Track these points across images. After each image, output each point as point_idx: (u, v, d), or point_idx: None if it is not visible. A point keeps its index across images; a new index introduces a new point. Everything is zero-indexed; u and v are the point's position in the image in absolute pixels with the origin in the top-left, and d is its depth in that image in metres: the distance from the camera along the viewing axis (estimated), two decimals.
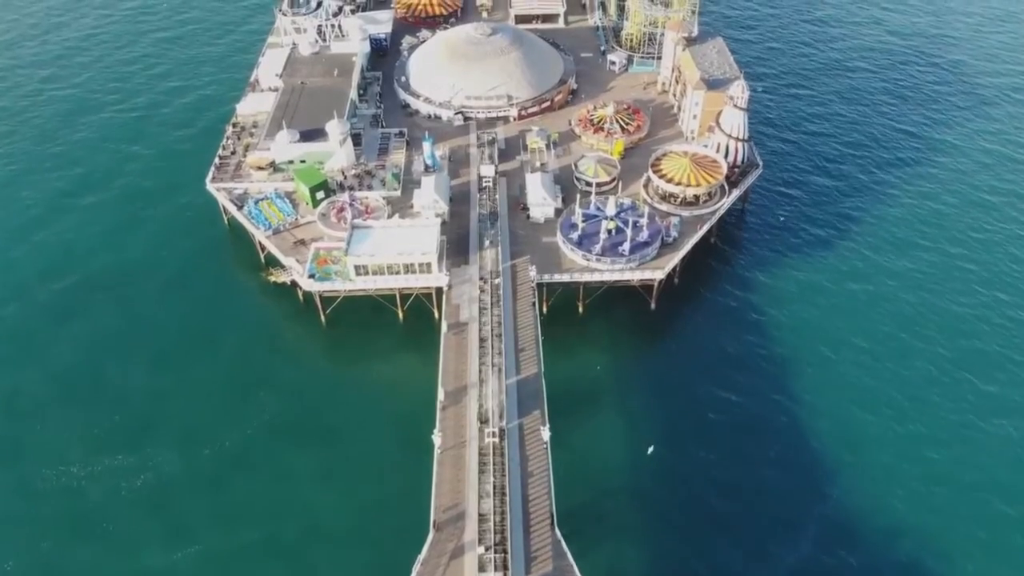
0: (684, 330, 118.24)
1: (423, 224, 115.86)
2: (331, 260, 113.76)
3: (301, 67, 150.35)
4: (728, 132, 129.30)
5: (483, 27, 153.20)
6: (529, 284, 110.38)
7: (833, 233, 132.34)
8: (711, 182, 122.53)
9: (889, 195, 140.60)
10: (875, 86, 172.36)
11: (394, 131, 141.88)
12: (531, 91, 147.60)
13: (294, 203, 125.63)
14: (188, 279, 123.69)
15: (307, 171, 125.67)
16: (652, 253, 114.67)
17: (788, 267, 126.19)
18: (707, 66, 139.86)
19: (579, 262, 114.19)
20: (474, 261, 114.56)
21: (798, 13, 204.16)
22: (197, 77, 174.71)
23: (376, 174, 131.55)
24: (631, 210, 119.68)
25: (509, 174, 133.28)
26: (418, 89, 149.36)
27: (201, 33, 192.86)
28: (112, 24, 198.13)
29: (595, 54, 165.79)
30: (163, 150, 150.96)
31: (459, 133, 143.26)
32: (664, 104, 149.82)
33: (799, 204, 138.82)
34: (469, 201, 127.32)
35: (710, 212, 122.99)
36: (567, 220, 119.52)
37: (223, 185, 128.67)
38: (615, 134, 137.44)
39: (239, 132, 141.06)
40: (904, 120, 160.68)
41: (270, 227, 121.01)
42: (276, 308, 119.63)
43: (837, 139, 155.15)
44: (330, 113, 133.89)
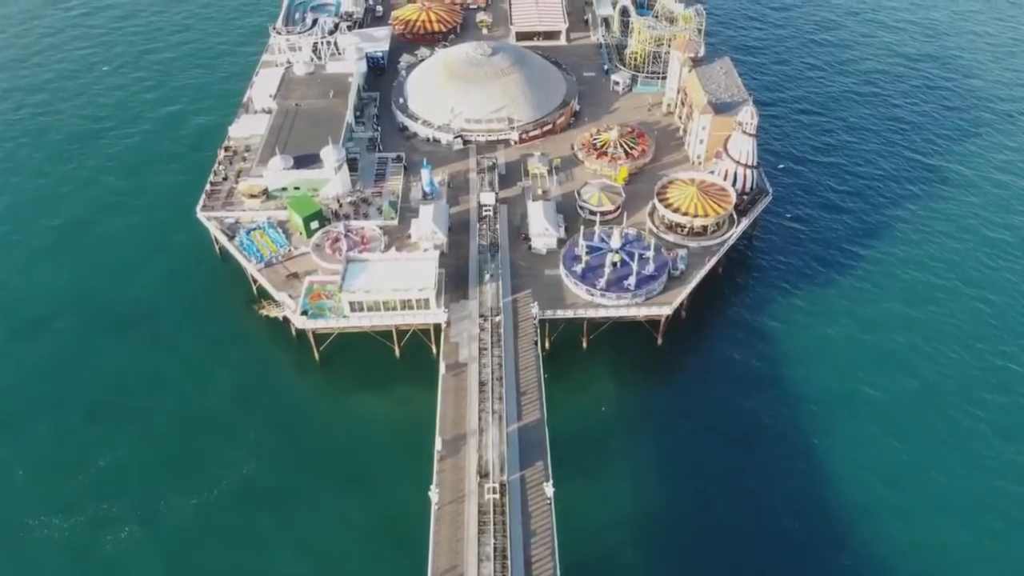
0: (692, 367, 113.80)
1: (421, 257, 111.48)
2: (325, 295, 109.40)
3: (296, 88, 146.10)
4: (736, 158, 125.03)
5: (483, 47, 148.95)
6: (531, 321, 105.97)
7: (842, 266, 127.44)
8: (719, 212, 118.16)
9: (899, 228, 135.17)
10: (884, 111, 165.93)
11: (392, 156, 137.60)
12: (533, 114, 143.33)
13: (287, 233, 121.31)
14: (176, 313, 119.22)
15: (301, 200, 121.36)
16: (659, 287, 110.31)
17: (797, 300, 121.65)
18: (714, 88, 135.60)
19: (583, 297, 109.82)
20: (474, 296, 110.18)
21: (806, 33, 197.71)
22: (188, 97, 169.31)
23: (372, 202, 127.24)
24: (636, 242, 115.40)
25: (510, 201, 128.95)
26: (416, 111, 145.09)
27: (193, 53, 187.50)
28: (101, 45, 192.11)
29: (598, 73, 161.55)
30: (151, 175, 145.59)
31: (458, 158, 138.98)
32: (669, 127, 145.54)
33: (807, 233, 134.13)
34: (469, 230, 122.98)
35: (718, 243, 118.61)
36: (570, 251, 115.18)
37: (214, 214, 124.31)
38: (619, 159, 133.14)
39: (231, 156, 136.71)
40: (914, 148, 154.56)
41: (262, 259, 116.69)
42: (268, 344, 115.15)
43: (846, 168, 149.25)
44: (325, 137, 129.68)
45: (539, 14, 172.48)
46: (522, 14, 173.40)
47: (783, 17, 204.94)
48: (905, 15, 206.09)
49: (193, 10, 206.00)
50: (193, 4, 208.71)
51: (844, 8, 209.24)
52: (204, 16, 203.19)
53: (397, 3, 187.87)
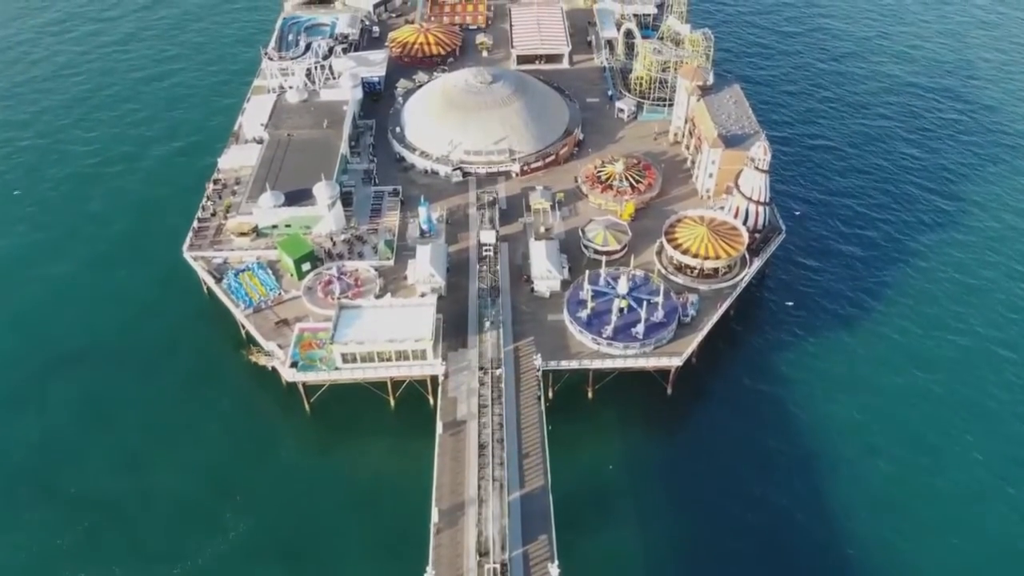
0: (704, 419, 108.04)
1: (417, 303, 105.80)
2: (316, 344, 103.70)
3: (288, 117, 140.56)
4: (747, 195, 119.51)
5: (483, 74, 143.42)
6: (534, 373, 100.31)
7: (857, 308, 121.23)
8: (731, 254, 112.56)
9: (916, 266, 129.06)
10: (897, 144, 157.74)
11: (388, 189, 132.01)
12: (535, 144, 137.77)
13: (278, 274, 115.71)
14: (160, 359, 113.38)
15: (292, 240, 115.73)
16: (668, 335, 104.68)
17: (811, 346, 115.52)
18: (724, 119, 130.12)
19: (588, 345, 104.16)
20: (473, 344, 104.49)
21: (815, 54, 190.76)
22: (177, 124, 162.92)
23: (367, 240, 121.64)
24: (644, 285, 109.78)
25: (511, 239, 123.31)
26: (414, 141, 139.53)
27: (182, 76, 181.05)
28: (83, 66, 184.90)
29: (602, 99, 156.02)
30: (137, 209, 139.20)
31: (457, 191, 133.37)
32: (677, 157, 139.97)
33: (819, 272, 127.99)
34: (468, 271, 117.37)
35: (730, 286, 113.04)
36: (574, 295, 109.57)
37: (201, 254, 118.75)
38: (625, 194, 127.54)
39: (220, 190, 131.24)
40: (927, 186, 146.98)
41: (251, 304, 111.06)
42: (257, 393, 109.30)
43: (859, 199, 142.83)
44: (318, 170, 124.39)
45: (541, 37, 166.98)
46: (523, 37, 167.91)
47: (790, 41, 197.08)
48: (917, 39, 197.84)
49: (185, 37, 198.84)
50: (185, 27, 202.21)
51: (853, 32, 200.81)
52: (195, 43, 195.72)
53: (394, 24, 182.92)
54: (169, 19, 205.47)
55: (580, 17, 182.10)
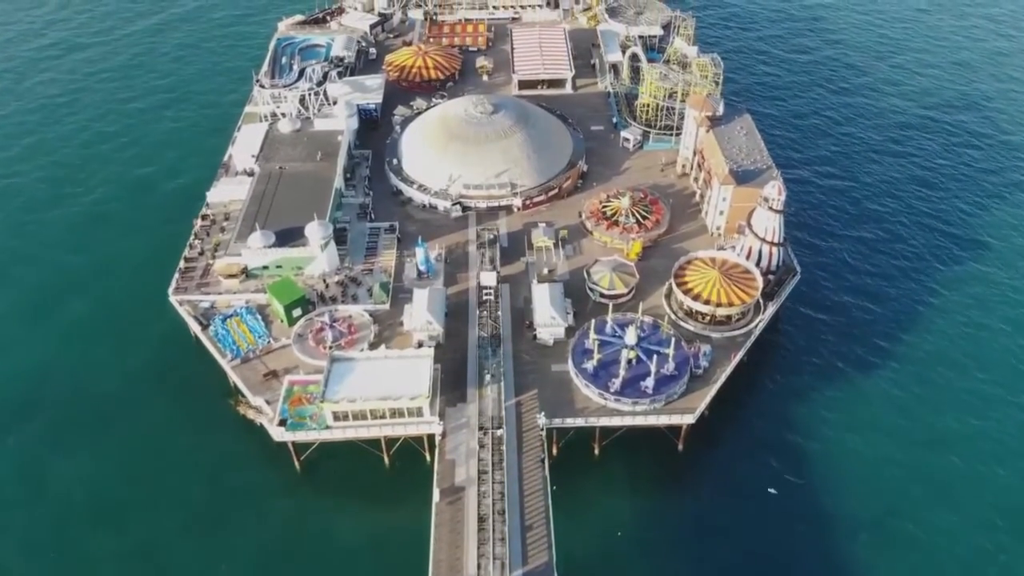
0: (717, 477, 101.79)
1: (413, 355, 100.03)
2: (306, 399, 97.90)
3: (280, 148, 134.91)
4: (761, 235, 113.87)
5: (483, 103, 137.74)
6: (537, 432, 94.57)
7: (873, 359, 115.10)
8: (745, 301, 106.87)
9: (935, 314, 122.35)
10: (914, 174, 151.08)
11: (384, 225, 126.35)
12: (537, 177, 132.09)
13: (267, 320, 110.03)
14: (142, 408, 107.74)
15: (282, 285, 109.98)
16: (680, 389, 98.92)
17: (827, 394, 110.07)
18: (735, 152, 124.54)
19: (595, 400, 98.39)
20: (472, 399, 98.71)
21: (824, 81, 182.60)
22: (163, 154, 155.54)
23: (362, 281, 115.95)
24: (654, 334, 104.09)
25: (513, 280, 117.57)
26: (411, 174, 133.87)
27: (170, 103, 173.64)
28: (68, 94, 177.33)
29: (606, 127, 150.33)
30: (121, 245, 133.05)
31: (457, 227, 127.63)
32: (685, 190, 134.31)
33: (835, 313, 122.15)
34: (468, 316, 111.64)
35: (743, 334, 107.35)
36: (580, 344, 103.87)
37: (187, 297, 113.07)
38: (632, 232, 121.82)
39: (208, 226, 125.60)
40: (947, 219, 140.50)
41: (238, 353, 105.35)
42: (244, 447, 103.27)
43: (873, 242, 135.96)
44: (311, 207, 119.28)
45: (543, 61, 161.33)
46: (525, 60, 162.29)
47: (799, 68, 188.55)
48: (930, 67, 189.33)
49: (173, 60, 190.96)
50: (173, 50, 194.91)
51: (864, 61, 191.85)
52: (183, 66, 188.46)
53: (392, 45, 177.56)
54: (157, 41, 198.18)
55: (583, 38, 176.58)
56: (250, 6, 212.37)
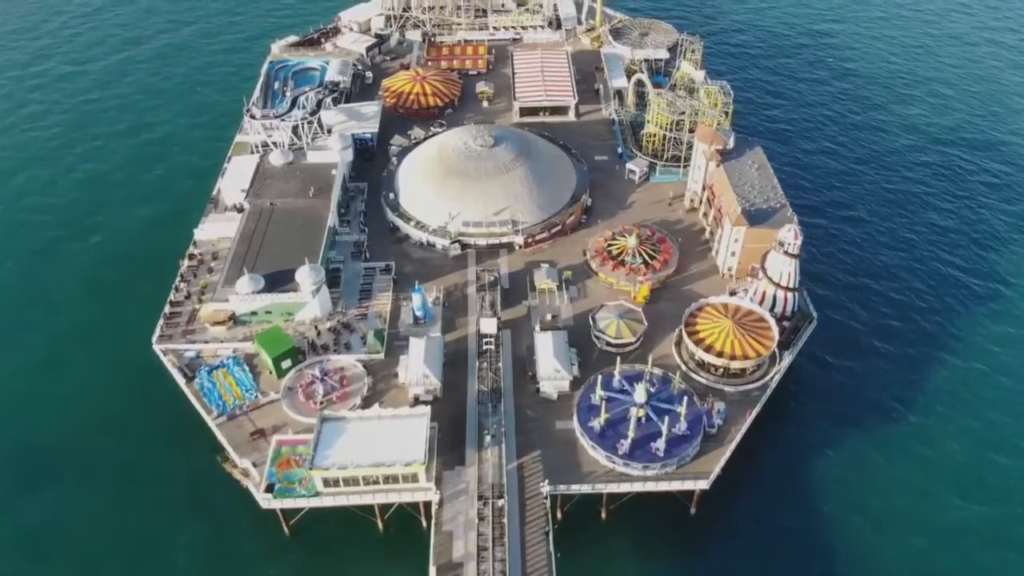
0: (732, 542, 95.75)
1: (408, 415, 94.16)
2: (295, 461, 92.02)
3: (271, 182, 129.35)
4: (775, 280, 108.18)
5: (483, 136, 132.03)
6: (541, 501, 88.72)
7: (894, 412, 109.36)
8: (760, 353, 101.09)
9: (952, 361, 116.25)
10: (929, 203, 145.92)
11: (380, 265, 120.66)
12: (539, 213, 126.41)
13: (255, 371, 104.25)
14: (124, 465, 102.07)
15: (271, 336, 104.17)
16: (693, 450, 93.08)
17: (845, 454, 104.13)
18: (747, 190, 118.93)
19: (602, 462, 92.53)
20: (471, 461, 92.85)
21: (835, 106, 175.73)
22: (149, 187, 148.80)
23: (356, 328, 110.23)
24: (665, 388, 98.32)
25: (514, 325, 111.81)
26: (408, 210, 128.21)
27: (156, 130, 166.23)
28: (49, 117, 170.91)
29: (611, 157, 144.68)
30: (101, 289, 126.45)
31: (455, 267, 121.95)
32: (694, 227, 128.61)
33: (849, 366, 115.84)
34: (467, 364, 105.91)
35: (759, 387, 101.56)
36: (586, 399, 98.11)
37: (172, 346, 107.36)
38: (640, 275, 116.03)
39: (196, 267, 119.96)
40: (964, 253, 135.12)
41: (224, 409, 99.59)
42: (231, 509, 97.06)
43: (889, 278, 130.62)
44: (303, 248, 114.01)
45: (546, 87, 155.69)
46: (527, 87, 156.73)
47: (808, 91, 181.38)
48: (946, 86, 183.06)
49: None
50: (161, 73, 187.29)
51: (876, 83, 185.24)
52: (171, 91, 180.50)
53: (389, 68, 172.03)
54: (144, 64, 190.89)
55: (587, 60, 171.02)
56: (242, 25, 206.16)
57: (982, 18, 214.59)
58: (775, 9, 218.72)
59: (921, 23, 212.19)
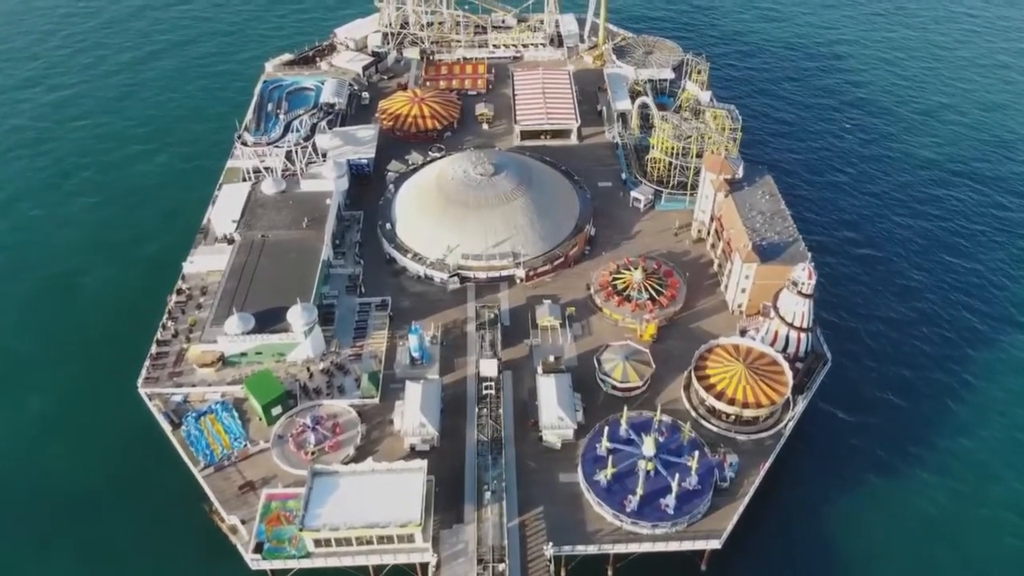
0: None
1: (404, 469, 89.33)
2: (285, 518, 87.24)
3: (263, 212, 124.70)
4: (788, 320, 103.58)
5: (483, 163, 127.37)
6: (544, 563, 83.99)
7: (906, 466, 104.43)
8: (774, 400, 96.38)
9: (969, 411, 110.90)
10: (943, 240, 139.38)
11: (375, 301, 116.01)
12: (541, 245, 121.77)
13: (244, 417, 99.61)
14: (106, 517, 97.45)
15: (261, 381, 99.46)
16: (704, 506, 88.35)
17: (855, 510, 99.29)
18: (757, 223, 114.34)
19: (608, 520, 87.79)
20: (470, 518, 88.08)
21: (845, 132, 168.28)
22: (136, 218, 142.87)
23: (350, 370, 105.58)
24: (673, 437, 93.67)
25: (516, 366, 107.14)
26: (406, 241, 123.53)
27: (144, 157, 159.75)
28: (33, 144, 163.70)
29: (615, 182, 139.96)
30: (83, 327, 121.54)
31: (454, 301, 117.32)
32: (701, 258, 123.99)
33: (860, 415, 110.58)
34: (466, 409, 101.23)
35: (771, 436, 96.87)
36: (591, 449, 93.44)
37: (158, 390, 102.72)
38: (645, 308, 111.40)
39: (184, 303, 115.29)
40: (979, 292, 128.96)
41: (212, 459, 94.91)
42: (217, 562, 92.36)
43: (898, 320, 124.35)
44: (296, 284, 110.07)
45: (547, 110, 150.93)
46: (528, 109, 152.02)
47: (817, 116, 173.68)
48: (962, 103, 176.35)
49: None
50: (150, 96, 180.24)
51: (888, 101, 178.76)
52: (159, 114, 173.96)
53: (386, 88, 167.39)
54: (132, 85, 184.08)
55: (589, 80, 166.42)
56: (236, 44, 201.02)
57: (994, 41, 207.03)
58: (782, 24, 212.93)
59: (932, 46, 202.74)
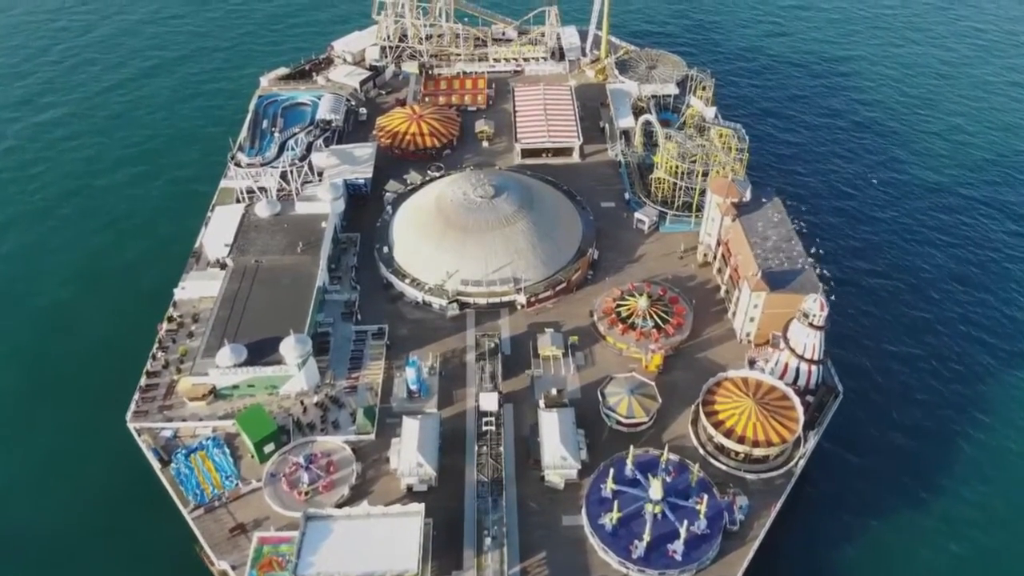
0: None
1: (400, 513, 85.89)
2: (277, 563, 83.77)
3: (257, 236, 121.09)
4: (799, 352, 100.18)
5: (483, 184, 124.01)
6: None
7: (917, 515, 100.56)
8: (785, 438, 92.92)
9: (985, 456, 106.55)
10: (950, 265, 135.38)
11: (372, 329, 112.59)
12: (543, 270, 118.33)
13: (236, 455, 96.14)
14: (93, 559, 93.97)
15: (252, 418, 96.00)
16: (713, 551, 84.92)
17: (867, 546, 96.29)
18: (766, 248, 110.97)
19: (614, 566, 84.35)
20: (469, 566, 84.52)
21: (855, 156, 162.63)
22: (125, 241, 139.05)
23: (345, 403, 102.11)
24: (681, 477, 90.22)
25: (516, 398, 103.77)
26: (403, 265, 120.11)
27: (132, 180, 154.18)
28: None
29: (618, 203, 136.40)
30: (70, 358, 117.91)
31: (453, 329, 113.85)
32: (707, 283, 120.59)
33: (872, 441, 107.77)
34: (464, 445, 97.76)
35: (782, 475, 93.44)
36: (595, 489, 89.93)
37: (147, 424, 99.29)
38: (652, 342, 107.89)
39: (175, 331, 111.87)
40: (994, 325, 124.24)
41: (202, 499, 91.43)
42: None
43: (908, 355, 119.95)
44: (290, 313, 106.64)
45: (548, 127, 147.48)
46: (528, 126, 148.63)
47: (815, 142, 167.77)
48: (976, 125, 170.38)
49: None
50: (139, 118, 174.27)
51: (898, 120, 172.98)
52: (149, 133, 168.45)
53: (384, 103, 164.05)
54: (122, 103, 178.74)
55: (591, 95, 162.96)
56: (230, 58, 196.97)
57: (1006, 59, 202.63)
58: (786, 38, 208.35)
59: (942, 64, 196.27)
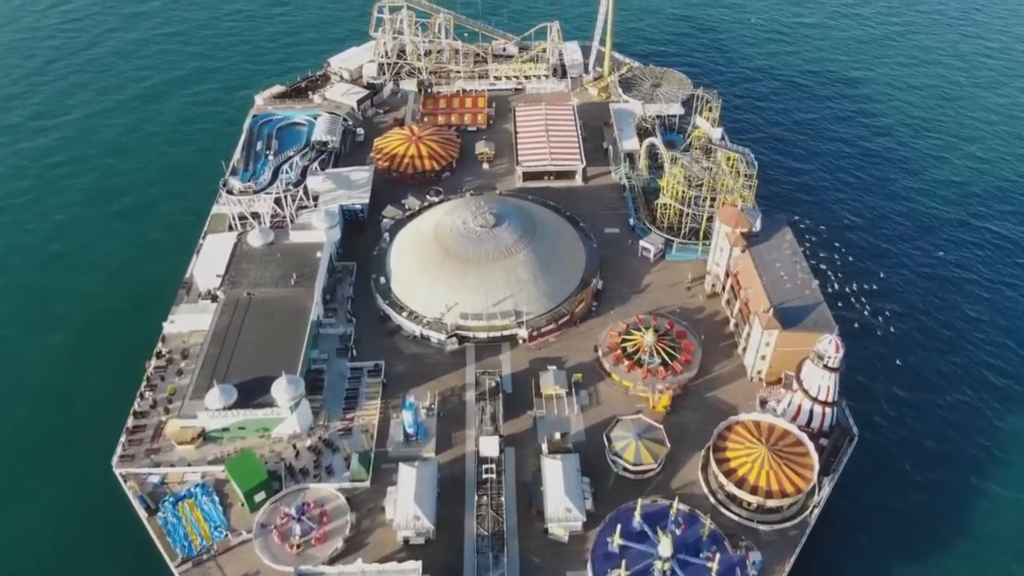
0: None
1: (395, 572, 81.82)
2: None
3: (249, 267, 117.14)
4: (812, 394, 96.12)
5: (483, 213, 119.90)
6: None
7: (933, 554, 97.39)
8: (800, 488, 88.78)
9: (996, 509, 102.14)
10: (961, 298, 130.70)
11: (368, 365, 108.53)
12: (545, 302, 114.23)
13: (226, 503, 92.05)
14: None
15: (243, 465, 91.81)
16: None
17: None
18: (776, 282, 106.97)
19: None
20: None
21: (862, 185, 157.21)
22: (113, 270, 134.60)
23: (339, 447, 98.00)
24: (692, 529, 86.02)
25: (518, 441, 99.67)
26: (401, 297, 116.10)
27: (122, 202, 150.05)
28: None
29: (622, 229, 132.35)
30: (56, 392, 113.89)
31: (452, 365, 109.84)
32: (716, 316, 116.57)
33: (886, 489, 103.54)
34: (464, 493, 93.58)
35: (796, 526, 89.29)
36: (601, 544, 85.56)
37: (133, 469, 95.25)
38: (659, 381, 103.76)
39: (163, 368, 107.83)
40: (1008, 369, 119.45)
41: (190, 551, 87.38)
42: None
43: (915, 401, 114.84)
44: (282, 350, 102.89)
45: (550, 150, 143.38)
46: (530, 148, 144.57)
47: (823, 167, 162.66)
48: (987, 164, 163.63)
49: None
50: (130, 142, 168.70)
51: (911, 144, 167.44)
52: (141, 154, 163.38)
53: (382, 123, 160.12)
54: (115, 123, 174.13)
55: (594, 114, 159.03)
56: (226, 77, 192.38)
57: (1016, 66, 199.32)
58: (793, 56, 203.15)
59: (948, 83, 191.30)
